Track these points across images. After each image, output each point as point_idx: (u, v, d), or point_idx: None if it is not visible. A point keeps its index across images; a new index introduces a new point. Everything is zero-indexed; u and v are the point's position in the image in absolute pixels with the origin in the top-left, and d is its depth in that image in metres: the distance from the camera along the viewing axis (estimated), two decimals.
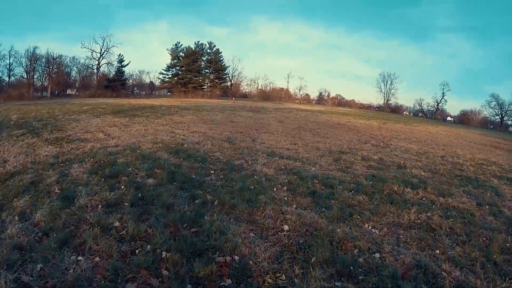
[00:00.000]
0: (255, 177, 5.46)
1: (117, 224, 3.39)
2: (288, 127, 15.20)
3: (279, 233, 3.51)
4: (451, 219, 4.32)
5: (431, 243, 3.59)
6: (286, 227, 3.61)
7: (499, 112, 64.47)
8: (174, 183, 4.95)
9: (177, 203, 4.12)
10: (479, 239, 3.80)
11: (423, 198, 5.20)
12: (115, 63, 65.03)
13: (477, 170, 8.39)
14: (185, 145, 8.22)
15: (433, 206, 4.81)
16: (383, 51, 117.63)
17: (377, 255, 3.22)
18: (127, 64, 65.96)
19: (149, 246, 3.03)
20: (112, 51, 64.88)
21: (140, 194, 4.33)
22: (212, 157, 6.87)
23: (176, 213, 3.78)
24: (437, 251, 3.41)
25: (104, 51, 64.24)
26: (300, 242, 3.33)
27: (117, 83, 62.58)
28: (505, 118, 64.12)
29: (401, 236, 3.69)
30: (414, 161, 8.89)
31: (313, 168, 6.52)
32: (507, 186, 6.78)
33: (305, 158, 7.47)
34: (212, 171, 5.67)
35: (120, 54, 64.22)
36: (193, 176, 5.34)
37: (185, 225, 3.51)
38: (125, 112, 17.91)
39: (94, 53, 64.30)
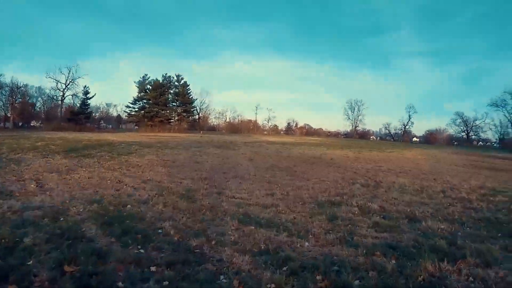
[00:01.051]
0: (222, 280, 3.31)
1: None
2: (260, 167, 13.35)
3: None
4: None
5: None
6: None
7: (465, 129, 68.03)
8: None
9: None
10: None
11: (470, 277, 3.53)
12: (81, 95, 61.39)
13: (489, 206, 7.59)
14: (128, 206, 6.02)
15: None
16: (349, 80, 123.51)
17: None
18: (93, 96, 62.49)
19: None
20: (78, 83, 61.01)
21: None
22: (160, 231, 4.67)
23: None
24: None
25: (69, 82, 60.83)
26: None
27: (81, 116, 58.67)
28: (471, 133, 67.70)
29: None
30: (419, 204, 7.37)
31: (307, 243, 4.42)
32: None
33: (290, 222, 5.44)
34: (154, 268, 3.49)
35: (85, 86, 60.79)
36: (120, 284, 3.19)
37: None
38: (78, 151, 15.57)
39: (59, 83, 60.60)
